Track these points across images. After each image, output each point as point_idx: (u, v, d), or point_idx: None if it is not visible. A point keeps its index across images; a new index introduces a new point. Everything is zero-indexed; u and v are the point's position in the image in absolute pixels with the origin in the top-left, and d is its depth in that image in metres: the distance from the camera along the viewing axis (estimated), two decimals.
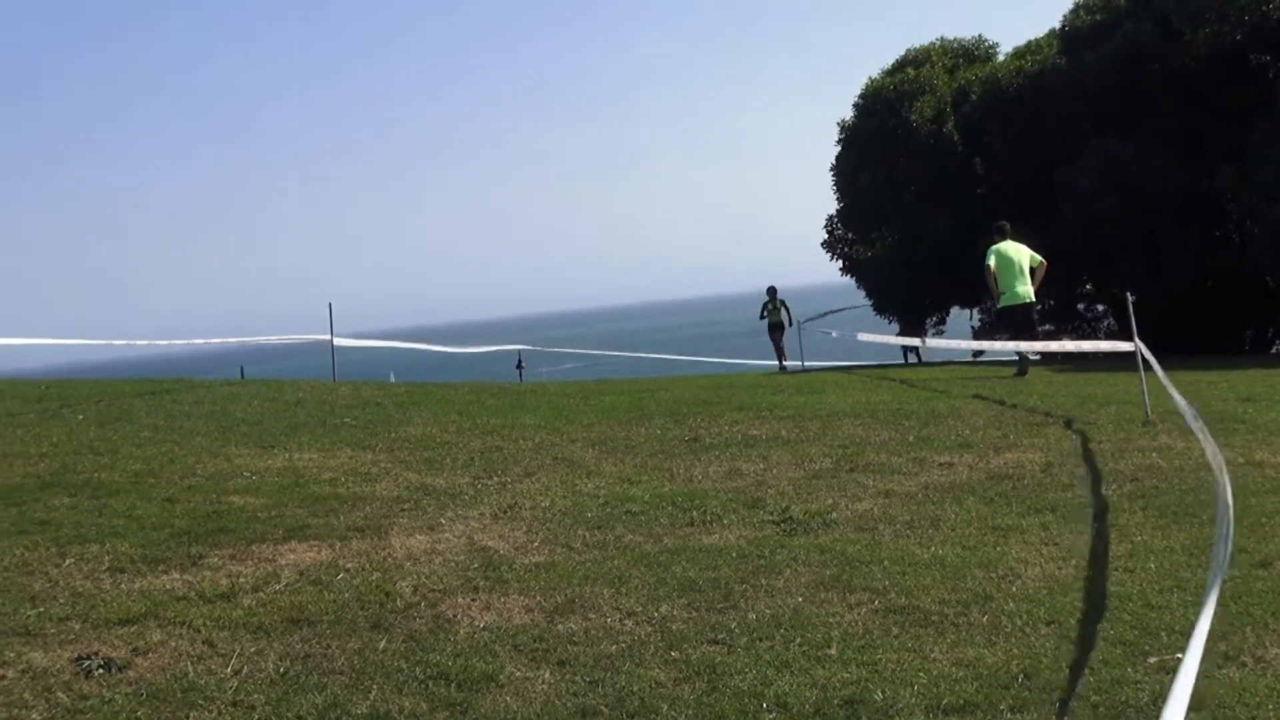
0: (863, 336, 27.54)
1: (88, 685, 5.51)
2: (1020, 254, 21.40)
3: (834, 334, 31.70)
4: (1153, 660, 5.64)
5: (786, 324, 32.15)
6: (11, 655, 5.88)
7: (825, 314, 32.78)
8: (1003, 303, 21.59)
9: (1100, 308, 38.05)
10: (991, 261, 21.21)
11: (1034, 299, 21.64)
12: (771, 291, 32.22)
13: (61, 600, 6.85)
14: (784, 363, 31.43)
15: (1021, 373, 20.87)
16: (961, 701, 5.24)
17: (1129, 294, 16.02)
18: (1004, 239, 21.58)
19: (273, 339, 26.11)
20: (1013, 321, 21.81)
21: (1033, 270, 20.84)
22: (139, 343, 23.44)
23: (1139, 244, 30.60)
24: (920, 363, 27.58)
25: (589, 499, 9.80)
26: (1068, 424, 13.10)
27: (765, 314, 32.27)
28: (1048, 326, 37.93)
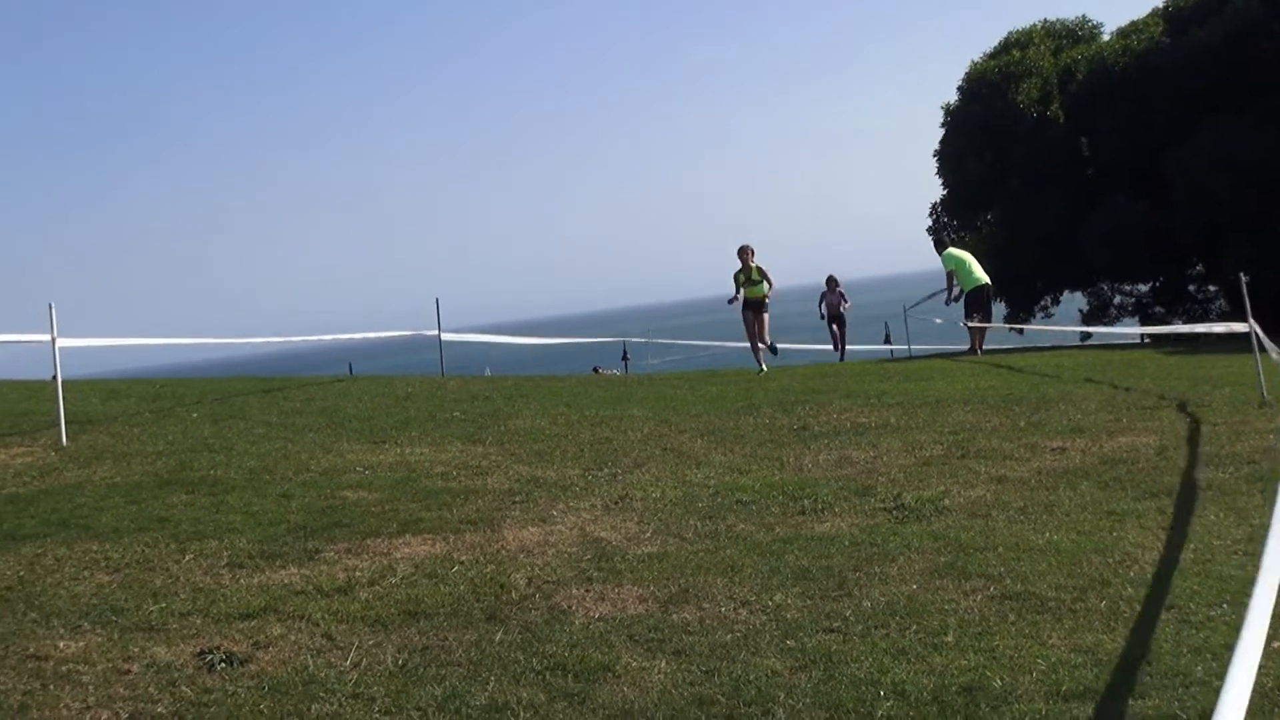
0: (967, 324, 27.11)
1: (210, 679, 5.58)
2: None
3: (938, 320, 31.31)
4: (1276, 644, 5.54)
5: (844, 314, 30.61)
6: (136, 650, 5.98)
7: (929, 297, 32.09)
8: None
9: (1212, 289, 37.42)
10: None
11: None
12: (830, 282, 30.92)
13: (182, 596, 6.96)
14: (841, 352, 30.20)
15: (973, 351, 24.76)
16: (1081, 688, 5.17)
17: (1242, 274, 15.75)
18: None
19: (382, 335, 26.30)
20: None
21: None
22: (254, 340, 23.74)
23: (1252, 224, 30.09)
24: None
25: (699, 489, 9.79)
26: (1181, 407, 12.91)
27: (824, 308, 30.97)
28: (1158, 308, 37.40)
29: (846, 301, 30.77)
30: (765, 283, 23.74)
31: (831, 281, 30.89)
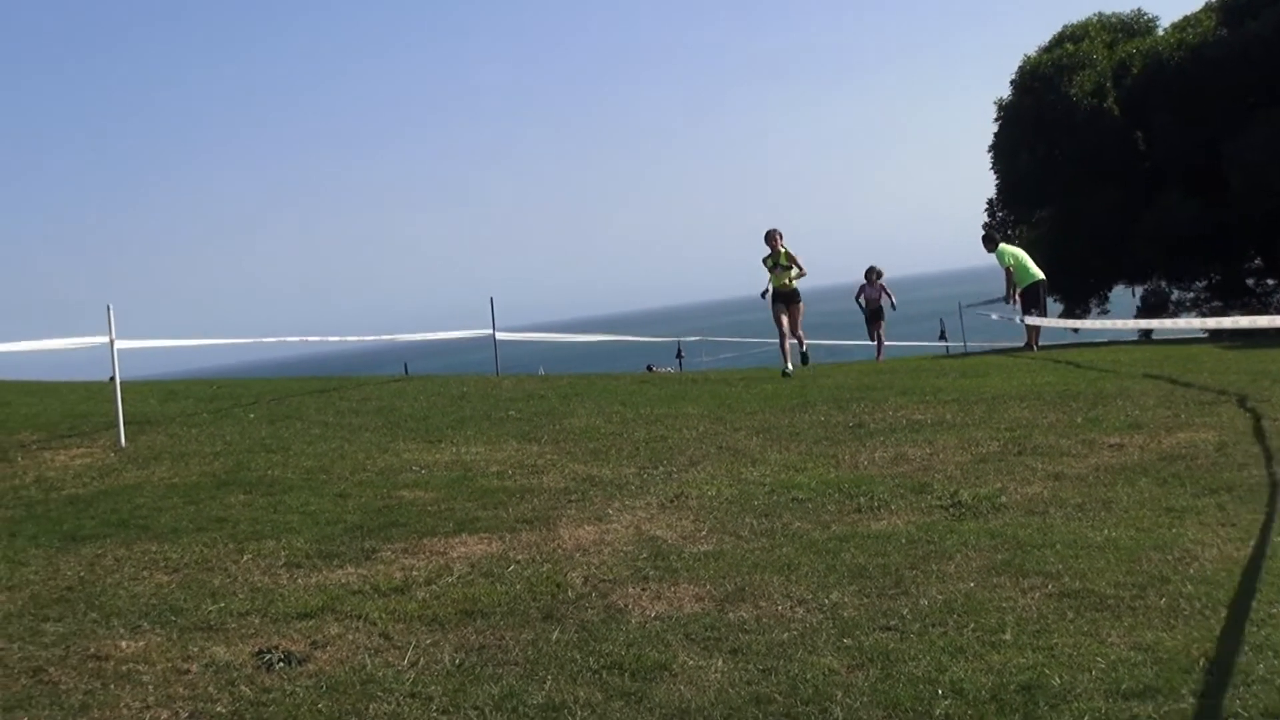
0: (1027, 320, 26.70)
1: (269, 678, 5.61)
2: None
3: (994, 316, 31.14)
4: None
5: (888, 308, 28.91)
6: (195, 650, 6.02)
7: (988, 302, 31.79)
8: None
9: (1270, 282, 37.14)
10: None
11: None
12: (871, 273, 28.92)
13: (241, 595, 7.00)
14: (880, 352, 28.31)
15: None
16: (1141, 686, 5.12)
17: None
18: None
19: (438, 335, 26.41)
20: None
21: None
22: (310, 339, 23.87)
23: None
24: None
25: (755, 487, 9.76)
26: (1241, 402, 12.77)
27: (863, 301, 29.11)
28: (1215, 303, 37.12)
29: (890, 296, 28.80)
30: (795, 268, 21.43)
31: (872, 273, 28.82)
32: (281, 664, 5.77)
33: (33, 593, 7.16)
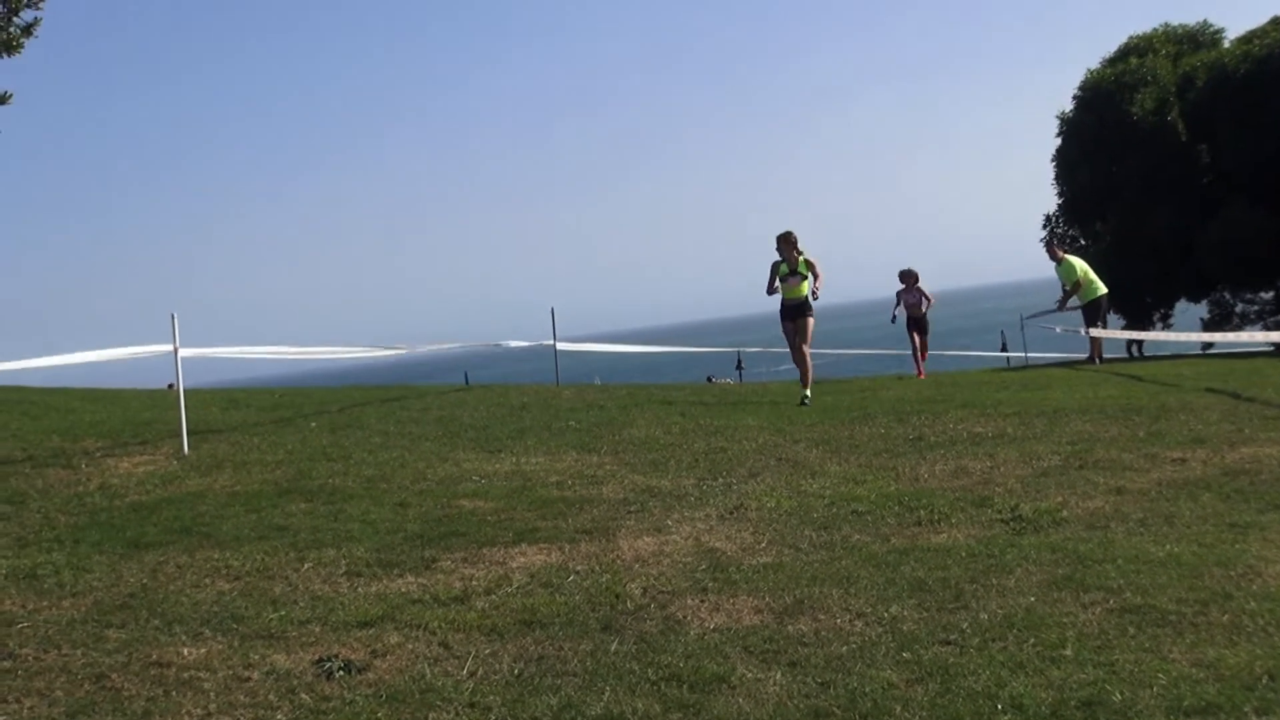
0: (1092, 331, 26.39)
1: (329, 687, 5.63)
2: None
3: (1059, 329, 30.94)
4: None
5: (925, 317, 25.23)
6: (256, 657, 6.06)
7: (1044, 313, 31.60)
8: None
9: None
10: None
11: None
12: (907, 277, 25.25)
13: (301, 604, 7.04)
14: (921, 364, 24.69)
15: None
16: (1203, 703, 5.07)
17: None
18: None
19: (498, 344, 26.48)
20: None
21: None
22: (379, 353, 23.99)
23: None
24: (1139, 355, 26.36)
25: (814, 499, 9.74)
26: None
27: (900, 310, 25.39)
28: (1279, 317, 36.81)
29: (929, 300, 25.35)
30: (811, 278, 18.41)
31: (909, 276, 25.31)
32: (341, 672, 5.80)
33: (96, 599, 7.23)
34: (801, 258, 18.37)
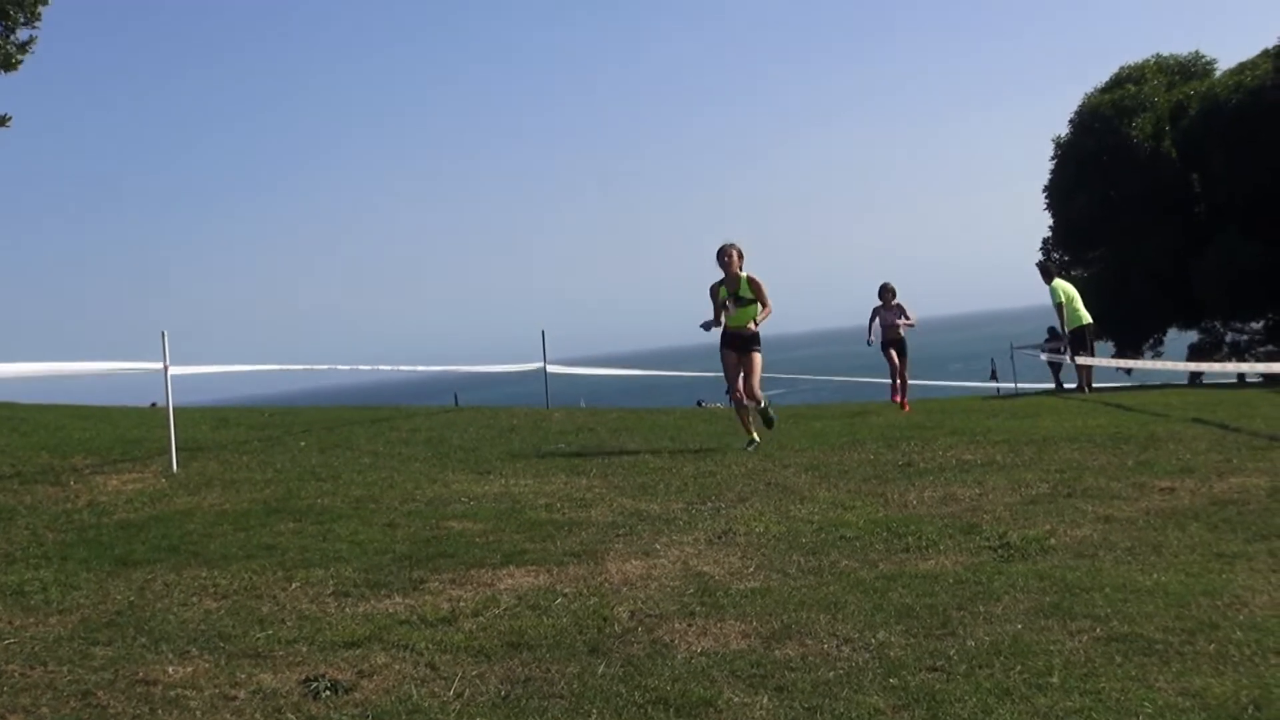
0: (1081, 360, 26.40)
1: (315, 706, 5.62)
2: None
3: (1042, 357, 31.05)
4: None
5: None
6: (243, 676, 6.04)
7: (1036, 346, 31.64)
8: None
9: None
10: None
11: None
12: (885, 292, 23.36)
13: (289, 623, 7.03)
14: (902, 391, 23.11)
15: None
16: None
17: None
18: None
19: (489, 368, 26.55)
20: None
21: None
22: (362, 368, 24.00)
23: None
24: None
25: (803, 524, 9.74)
26: None
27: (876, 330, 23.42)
28: (1269, 347, 36.92)
29: (908, 318, 23.48)
30: (757, 304, 15.36)
31: (888, 292, 23.35)
32: (328, 692, 5.78)
33: (83, 616, 7.21)
34: (744, 277, 15.34)
